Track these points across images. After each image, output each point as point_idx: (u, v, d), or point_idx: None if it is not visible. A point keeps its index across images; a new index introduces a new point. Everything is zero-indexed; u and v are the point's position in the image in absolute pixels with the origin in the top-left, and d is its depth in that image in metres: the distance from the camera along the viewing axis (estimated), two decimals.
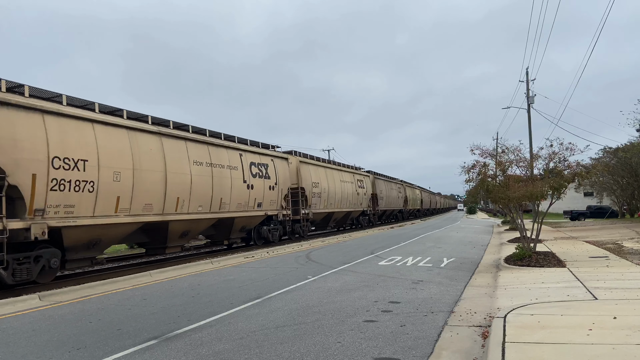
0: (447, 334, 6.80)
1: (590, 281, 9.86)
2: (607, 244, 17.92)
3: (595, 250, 16.09)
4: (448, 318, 7.73)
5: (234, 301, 9.55)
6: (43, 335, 7.48)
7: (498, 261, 14.95)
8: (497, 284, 10.79)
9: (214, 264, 16.48)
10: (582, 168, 14.80)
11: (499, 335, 5.89)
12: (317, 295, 9.91)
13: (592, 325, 6.12)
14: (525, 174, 15.67)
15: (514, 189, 14.32)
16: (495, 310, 7.87)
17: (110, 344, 6.75)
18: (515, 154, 15.88)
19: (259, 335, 6.92)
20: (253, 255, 18.76)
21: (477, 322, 7.41)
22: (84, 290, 11.75)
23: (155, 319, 8.23)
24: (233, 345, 6.50)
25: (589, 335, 5.70)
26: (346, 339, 6.56)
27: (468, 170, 15.80)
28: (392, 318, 7.74)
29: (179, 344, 6.65)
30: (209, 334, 7.09)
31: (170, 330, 7.42)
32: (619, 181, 40.80)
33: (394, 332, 6.86)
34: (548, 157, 15.16)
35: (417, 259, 15.94)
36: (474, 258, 16.72)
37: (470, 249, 20.07)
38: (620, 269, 11.51)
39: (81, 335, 7.36)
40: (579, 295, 8.47)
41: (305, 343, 6.45)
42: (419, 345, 6.23)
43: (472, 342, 6.36)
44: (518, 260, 13.62)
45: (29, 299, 10.59)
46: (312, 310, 8.48)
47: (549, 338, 5.71)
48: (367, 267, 14.27)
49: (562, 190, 14.26)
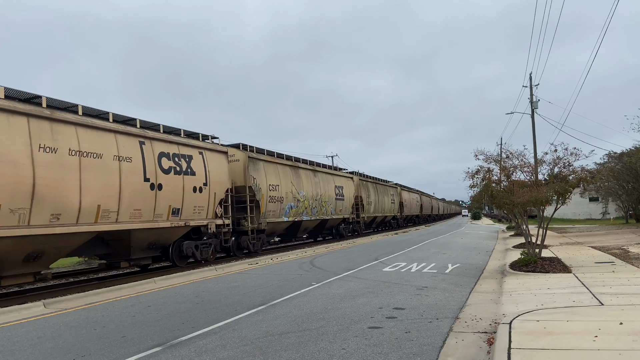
0: (452, 340, 6.77)
1: (596, 287, 9.79)
2: (613, 249, 17.81)
3: (601, 255, 15.99)
4: (453, 324, 7.68)
5: (238, 308, 9.54)
6: (48, 342, 7.49)
7: (503, 267, 14.87)
8: (502, 290, 10.73)
9: (218, 270, 16.48)
10: (587, 173, 14.75)
11: (505, 342, 5.86)
12: (321, 302, 9.88)
13: (598, 331, 6.08)
14: (530, 179, 15.63)
15: (518, 194, 14.28)
16: (500, 316, 7.82)
17: (115, 351, 6.75)
18: (519, 159, 15.86)
19: (263, 342, 6.90)
20: (257, 262, 18.77)
21: (483, 328, 7.37)
22: (89, 297, 11.77)
23: (159, 326, 8.23)
24: (237, 352, 6.48)
25: (595, 341, 5.65)
26: (351, 346, 6.54)
27: (472, 175, 15.77)
28: (397, 324, 7.71)
29: (183, 351, 6.64)
30: (213, 341, 7.08)
31: (175, 337, 7.42)
32: (624, 186, 40.60)
33: (399, 339, 6.83)
34: (552, 162, 15.13)
35: (421, 265, 15.88)
36: (479, 264, 16.65)
37: (475, 255, 19.98)
38: (626, 274, 11.43)
39: (85, 342, 7.37)
40: (585, 301, 8.41)
41: (310, 350, 6.43)
42: (423, 352, 6.20)
43: (478, 349, 6.32)
44: (523, 266, 13.55)
45: (33, 306, 10.62)
46: (316, 317, 8.46)
47: (555, 344, 5.67)
48: (372, 274, 14.23)
49: (567, 196, 14.22)
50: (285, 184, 24.51)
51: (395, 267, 15.54)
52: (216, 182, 18.60)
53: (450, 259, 17.84)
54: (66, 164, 12.54)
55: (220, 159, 19.39)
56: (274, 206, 23.16)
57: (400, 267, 15.50)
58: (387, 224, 52.48)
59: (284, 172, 24.90)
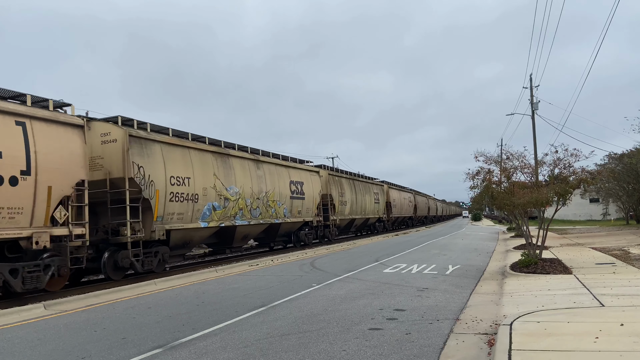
0: (452, 341, 6.76)
1: (596, 288, 9.79)
2: (613, 250, 17.80)
3: (601, 256, 15.98)
4: (454, 326, 7.68)
5: (239, 309, 9.53)
6: (48, 344, 7.49)
7: (504, 268, 14.87)
8: (502, 291, 10.73)
9: (219, 272, 16.47)
10: (587, 174, 14.76)
11: (505, 343, 5.85)
12: (321, 303, 9.87)
13: (599, 332, 6.07)
14: (530, 180, 15.63)
15: (519, 195, 14.28)
16: (501, 317, 7.82)
17: (115, 353, 6.75)
18: (519, 161, 15.86)
19: (264, 344, 6.90)
20: (257, 264, 18.74)
21: (483, 329, 7.36)
22: (89, 299, 11.76)
23: (159, 328, 8.22)
24: (237, 353, 6.48)
25: (596, 343, 5.65)
26: (351, 347, 6.53)
27: (472, 176, 15.78)
28: (398, 326, 7.70)
29: (183, 352, 6.63)
30: (214, 343, 7.07)
31: (175, 338, 7.41)
32: (624, 187, 40.58)
33: (400, 340, 6.82)
34: (553, 163, 15.14)
35: (422, 267, 15.87)
36: (480, 265, 16.64)
37: (475, 256, 19.97)
38: (627, 275, 11.43)
39: (86, 344, 7.36)
40: (586, 302, 8.40)
41: (310, 351, 6.43)
42: (424, 354, 6.20)
43: (478, 350, 6.31)
44: (524, 267, 13.54)
45: (34, 308, 10.60)
46: (316, 318, 8.45)
47: (556, 345, 5.67)
48: (372, 275, 14.22)
49: (568, 197, 14.22)
50: (201, 176, 17.76)
51: (396, 269, 15.53)
52: (53, 170, 12.12)
53: (450, 261, 17.83)
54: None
55: (68, 136, 12.81)
56: (181, 207, 16.64)
57: (401, 269, 15.49)
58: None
59: (202, 160, 18.11)
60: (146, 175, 15.22)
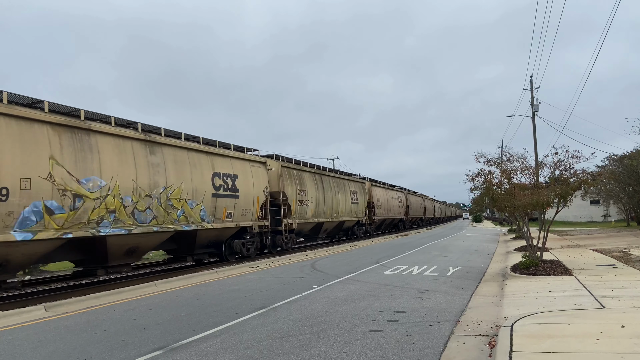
0: (453, 343, 6.75)
1: (597, 290, 9.78)
2: (614, 252, 17.78)
3: (602, 258, 15.97)
4: (454, 327, 7.67)
5: (239, 311, 9.53)
6: (49, 346, 7.49)
7: (504, 270, 14.86)
8: (503, 293, 10.72)
9: (219, 274, 16.47)
10: (588, 176, 14.75)
11: (506, 345, 5.85)
12: (322, 305, 9.87)
13: (599, 334, 6.07)
14: (531, 181, 15.62)
15: (519, 197, 14.28)
16: (502, 319, 7.81)
17: (116, 355, 6.75)
18: (520, 162, 15.86)
19: (264, 346, 6.90)
20: (258, 265, 18.76)
21: (484, 331, 7.35)
22: (90, 300, 11.76)
23: (160, 330, 8.22)
24: (238, 355, 6.48)
25: (597, 344, 5.64)
26: (352, 349, 6.53)
27: (473, 178, 15.77)
28: (398, 328, 7.70)
29: (184, 354, 6.63)
30: (214, 345, 7.07)
31: (176, 340, 7.41)
32: (625, 189, 40.58)
33: (400, 342, 6.82)
34: (553, 164, 15.13)
35: (422, 268, 15.86)
36: (480, 267, 16.63)
37: (476, 258, 19.96)
38: (628, 277, 11.41)
39: (86, 345, 7.36)
40: (587, 304, 8.39)
41: (311, 353, 6.43)
42: (425, 355, 6.19)
43: (479, 352, 6.31)
44: (524, 269, 13.53)
45: (34, 309, 10.60)
46: (317, 320, 8.45)
47: (557, 347, 5.67)
48: (373, 277, 14.22)
49: (568, 198, 14.21)
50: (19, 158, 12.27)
51: (397, 270, 15.52)
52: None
53: (451, 262, 17.82)
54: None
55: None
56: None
57: (402, 270, 15.48)
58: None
59: (22, 133, 12.52)
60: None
